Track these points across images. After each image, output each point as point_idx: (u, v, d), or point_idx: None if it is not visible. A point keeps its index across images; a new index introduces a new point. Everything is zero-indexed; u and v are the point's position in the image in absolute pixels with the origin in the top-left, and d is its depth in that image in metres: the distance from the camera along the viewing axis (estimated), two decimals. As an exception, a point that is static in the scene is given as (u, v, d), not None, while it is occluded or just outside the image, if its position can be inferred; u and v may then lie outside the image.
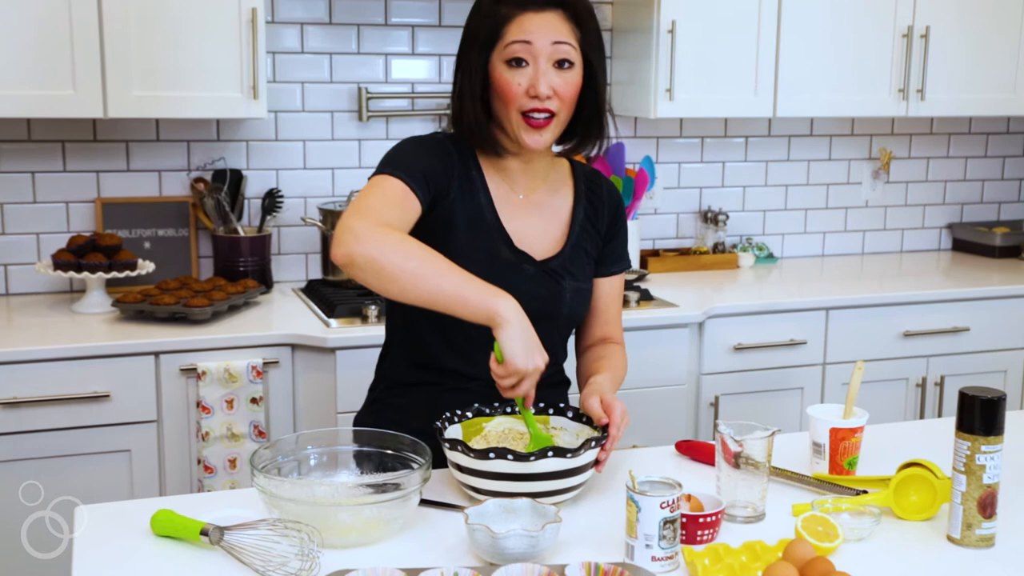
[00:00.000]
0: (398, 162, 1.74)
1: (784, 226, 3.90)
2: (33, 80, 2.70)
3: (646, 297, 3.12)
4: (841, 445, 1.78)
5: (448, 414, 1.71)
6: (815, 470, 1.81)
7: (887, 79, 3.52)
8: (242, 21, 2.83)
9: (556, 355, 1.89)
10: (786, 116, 3.45)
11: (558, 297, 1.83)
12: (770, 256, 3.80)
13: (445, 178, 1.77)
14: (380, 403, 1.93)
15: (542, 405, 1.77)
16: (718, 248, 3.70)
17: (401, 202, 1.69)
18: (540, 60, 1.71)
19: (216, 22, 2.82)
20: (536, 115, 1.73)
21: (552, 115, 1.74)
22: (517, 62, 1.72)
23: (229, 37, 2.84)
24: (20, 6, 2.66)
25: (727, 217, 3.71)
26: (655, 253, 3.67)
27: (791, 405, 3.22)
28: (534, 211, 1.85)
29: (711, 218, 3.70)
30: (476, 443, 1.69)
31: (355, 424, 1.91)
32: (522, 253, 1.82)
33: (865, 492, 1.69)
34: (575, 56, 1.74)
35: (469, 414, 1.74)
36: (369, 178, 1.73)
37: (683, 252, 3.70)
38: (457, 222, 1.77)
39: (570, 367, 2.00)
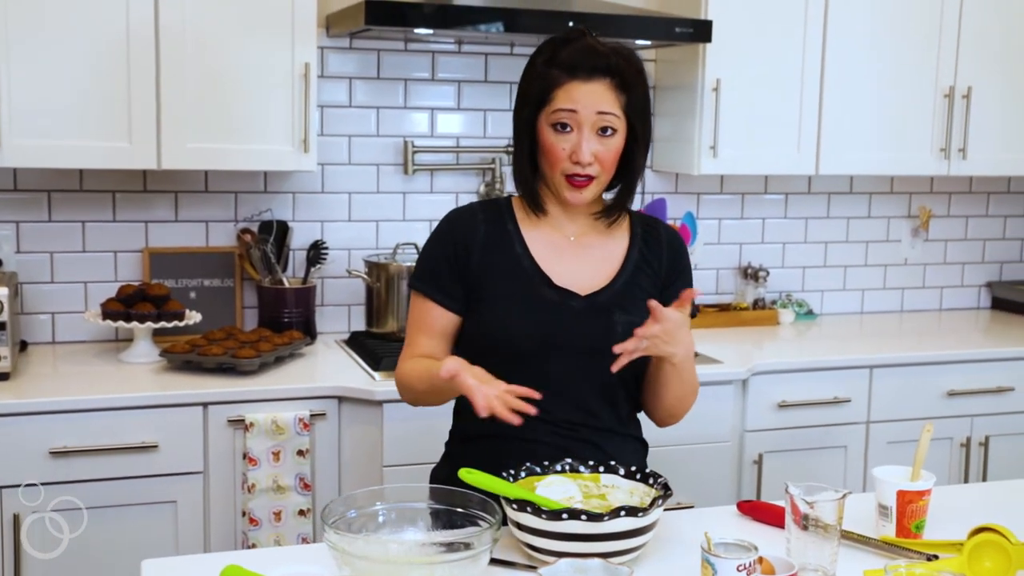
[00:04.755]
0: (419, 272, 1.93)
1: (823, 283, 3.89)
2: (89, 132, 2.73)
3: (690, 353, 3.10)
4: (908, 508, 1.76)
5: (504, 475, 1.70)
6: (881, 533, 1.78)
7: (928, 138, 3.53)
8: (295, 76, 2.86)
9: (613, 397, 1.89)
10: (829, 174, 3.46)
11: (609, 331, 1.84)
12: (810, 313, 3.79)
13: (456, 254, 1.89)
14: (452, 457, 1.96)
15: (592, 463, 1.77)
16: (758, 304, 3.70)
17: (429, 320, 1.90)
18: (584, 128, 1.80)
19: (270, 77, 2.85)
20: (578, 178, 1.82)
21: (593, 178, 1.83)
22: (562, 127, 1.81)
23: (282, 91, 2.87)
24: (78, 59, 2.70)
25: (767, 273, 3.70)
26: (695, 309, 3.66)
27: (834, 463, 3.19)
28: (583, 252, 1.91)
29: (751, 274, 3.70)
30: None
31: (431, 477, 1.97)
32: (565, 291, 1.86)
33: (936, 557, 1.67)
34: (618, 123, 1.82)
35: (523, 474, 1.73)
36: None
37: (723, 308, 3.69)
38: (490, 276, 1.87)
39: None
